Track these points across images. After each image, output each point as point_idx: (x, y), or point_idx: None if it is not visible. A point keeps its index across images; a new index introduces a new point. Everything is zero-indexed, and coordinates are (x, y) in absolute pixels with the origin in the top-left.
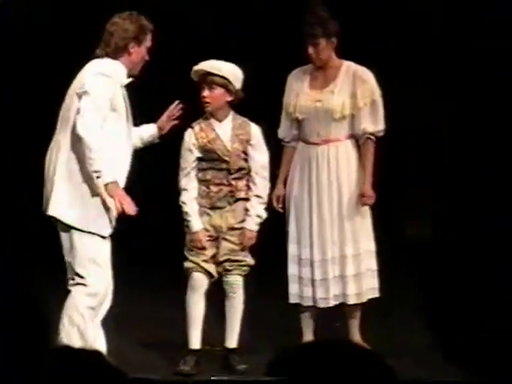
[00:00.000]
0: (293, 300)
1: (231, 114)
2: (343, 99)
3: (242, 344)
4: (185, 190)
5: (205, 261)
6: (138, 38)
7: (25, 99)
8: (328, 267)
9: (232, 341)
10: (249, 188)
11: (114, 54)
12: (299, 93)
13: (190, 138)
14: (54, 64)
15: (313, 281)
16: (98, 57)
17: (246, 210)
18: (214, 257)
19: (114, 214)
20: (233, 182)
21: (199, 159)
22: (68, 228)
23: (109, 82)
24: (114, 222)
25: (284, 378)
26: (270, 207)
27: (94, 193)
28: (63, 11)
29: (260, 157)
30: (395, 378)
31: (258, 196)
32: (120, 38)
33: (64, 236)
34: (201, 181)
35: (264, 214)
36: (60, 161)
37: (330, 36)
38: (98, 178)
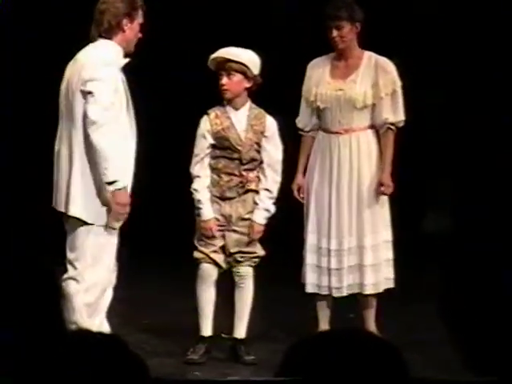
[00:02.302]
0: (310, 290)
1: (248, 104)
2: (365, 89)
3: (255, 334)
4: (198, 176)
5: (214, 252)
6: (131, 14)
7: (25, 91)
8: (343, 257)
9: (240, 331)
10: (259, 180)
11: (108, 34)
12: (320, 82)
13: (205, 124)
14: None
15: (329, 270)
16: (93, 38)
17: (255, 202)
18: (223, 248)
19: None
20: (244, 173)
21: (213, 146)
22: (79, 224)
23: (111, 73)
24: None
25: (296, 378)
26: (283, 198)
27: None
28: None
29: (273, 150)
30: (408, 371)
31: (267, 190)
32: (112, 16)
33: (72, 232)
34: (213, 169)
35: (272, 209)
36: (76, 163)
37: (355, 21)
38: (109, 185)
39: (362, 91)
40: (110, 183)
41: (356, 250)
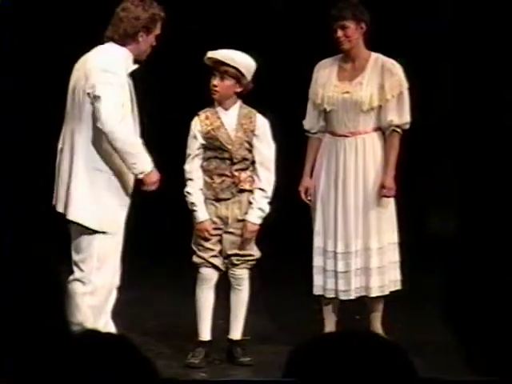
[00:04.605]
0: (317, 292)
1: (238, 103)
2: (371, 91)
3: (258, 335)
4: (190, 179)
5: (213, 256)
6: (148, 26)
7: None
8: (351, 260)
9: (236, 333)
10: (252, 180)
11: (122, 41)
12: (326, 84)
13: (196, 125)
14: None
15: (335, 273)
16: (106, 38)
17: (250, 202)
18: (220, 251)
19: (125, 213)
20: (235, 173)
21: (204, 148)
22: (82, 228)
23: (117, 79)
24: (124, 218)
25: (296, 379)
26: (285, 200)
27: (110, 193)
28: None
29: (265, 148)
30: (415, 373)
31: (261, 189)
32: (130, 26)
33: (77, 233)
34: (205, 170)
35: (267, 208)
36: (77, 165)
37: (360, 21)
38: (139, 174)
39: (368, 94)
40: (140, 173)
41: (362, 252)
